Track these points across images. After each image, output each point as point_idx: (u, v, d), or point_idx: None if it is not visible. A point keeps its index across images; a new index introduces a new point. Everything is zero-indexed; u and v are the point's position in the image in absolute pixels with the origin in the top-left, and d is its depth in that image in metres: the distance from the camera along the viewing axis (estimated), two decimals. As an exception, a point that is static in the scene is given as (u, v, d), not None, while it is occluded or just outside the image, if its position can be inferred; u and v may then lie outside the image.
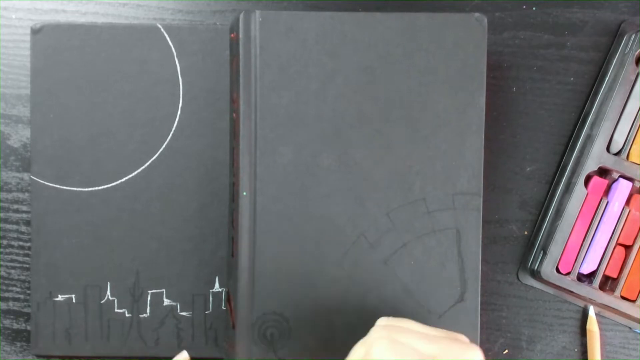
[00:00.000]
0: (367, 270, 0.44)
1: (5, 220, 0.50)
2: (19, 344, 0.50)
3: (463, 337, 0.38)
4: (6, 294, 0.50)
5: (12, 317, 0.50)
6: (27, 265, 0.50)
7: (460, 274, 0.45)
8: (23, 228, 0.50)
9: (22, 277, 0.50)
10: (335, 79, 0.43)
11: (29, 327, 0.50)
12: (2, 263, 0.50)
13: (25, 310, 0.50)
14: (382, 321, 0.39)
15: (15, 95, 0.50)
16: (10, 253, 0.50)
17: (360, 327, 0.41)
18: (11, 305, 0.50)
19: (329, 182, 0.44)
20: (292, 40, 0.43)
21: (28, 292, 0.50)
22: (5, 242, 0.50)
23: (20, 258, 0.50)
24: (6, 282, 0.50)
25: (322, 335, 0.44)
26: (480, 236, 0.45)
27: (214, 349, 0.49)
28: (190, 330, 0.49)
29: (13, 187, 0.50)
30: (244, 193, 0.43)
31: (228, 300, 0.46)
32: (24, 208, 0.50)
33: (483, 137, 0.44)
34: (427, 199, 0.44)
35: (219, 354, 0.49)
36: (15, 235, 0.50)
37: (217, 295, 0.49)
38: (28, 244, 0.50)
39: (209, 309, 0.49)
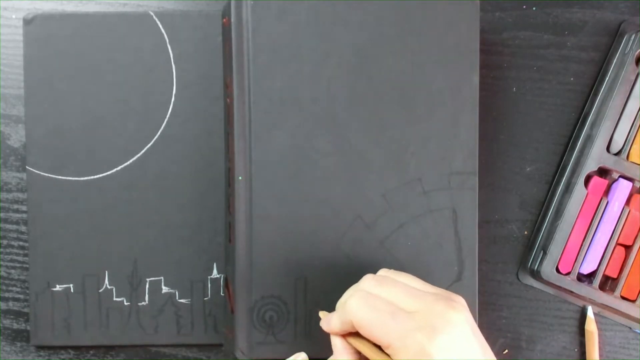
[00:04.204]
0: (364, 252, 0.44)
1: (5, 220, 0.50)
2: (19, 344, 0.50)
3: (458, 298, 0.37)
4: (6, 294, 0.50)
5: (12, 317, 0.50)
6: (27, 265, 0.50)
7: (458, 254, 0.45)
8: (23, 228, 0.50)
9: (22, 277, 0.50)
10: (329, 61, 0.43)
11: (29, 327, 0.50)
12: (2, 263, 0.50)
13: (25, 310, 0.50)
14: (381, 272, 0.39)
15: (15, 95, 0.50)
16: (10, 253, 0.50)
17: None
18: (11, 305, 0.50)
19: (324, 165, 0.44)
20: (284, 24, 0.43)
21: (28, 292, 0.50)
22: (5, 242, 0.50)
23: (20, 258, 0.50)
24: (6, 282, 0.50)
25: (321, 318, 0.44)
26: (477, 216, 0.45)
27: (214, 335, 0.49)
28: (189, 317, 0.49)
29: (13, 187, 0.50)
30: (240, 178, 0.43)
31: (226, 285, 0.46)
32: (24, 208, 0.50)
33: (477, 116, 0.45)
34: (423, 179, 0.44)
35: (218, 340, 0.49)
36: (15, 235, 0.50)
37: (215, 281, 0.49)
38: (28, 244, 0.50)
39: (207, 296, 0.49)
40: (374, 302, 0.36)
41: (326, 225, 0.44)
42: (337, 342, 0.38)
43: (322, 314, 0.40)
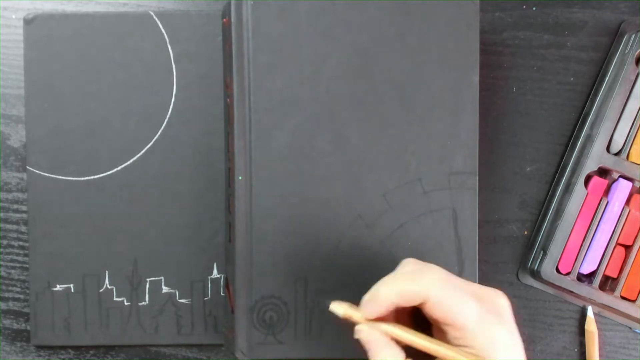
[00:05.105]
0: (364, 252, 0.44)
1: (5, 220, 0.50)
2: (19, 344, 0.50)
3: None
4: (6, 294, 0.50)
5: (12, 317, 0.50)
6: (27, 266, 0.50)
7: (458, 254, 0.45)
8: (23, 228, 0.50)
9: (22, 277, 0.50)
10: (329, 61, 0.43)
11: (29, 327, 0.50)
12: (2, 263, 0.50)
13: (25, 310, 0.50)
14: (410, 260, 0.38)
15: (15, 95, 0.50)
16: (10, 253, 0.50)
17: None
18: (11, 305, 0.50)
19: (324, 165, 0.44)
20: (285, 23, 0.43)
21: (28, 292, 0.50)
22: (5, 242, 0.50)
23: (20, 258, 0.50)
24: (6, 282, 0.50)
25: (321, 318, 0.44)
26: (477, 216, 0.45)
27: (214, 335, 0.49)
28: (190, 317, 0.49)
29: (13, 187, 0.50)
30: (240, 177, 0.43)
31: (227, 285, 0.46)
32: (24, 208, 0.50)
33: (477, 116, 0.44)
34: (423, 179, 0.44)
35: (219, 340, 0.49)
36: (15, 235, 0.50)
37: (215, 281, 0.49)
38: (28, 244, 0.50)
39: (207, 296, 0.49)
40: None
41: (326, 225, 0.44)
42: (375, 336, 0.35)
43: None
